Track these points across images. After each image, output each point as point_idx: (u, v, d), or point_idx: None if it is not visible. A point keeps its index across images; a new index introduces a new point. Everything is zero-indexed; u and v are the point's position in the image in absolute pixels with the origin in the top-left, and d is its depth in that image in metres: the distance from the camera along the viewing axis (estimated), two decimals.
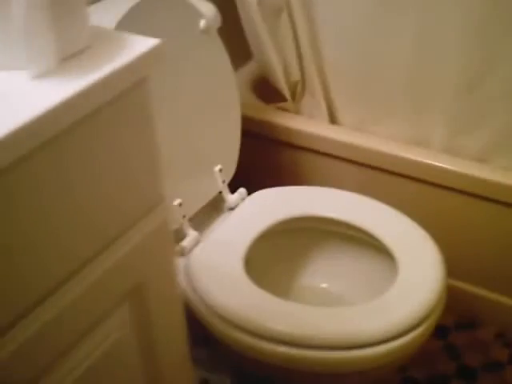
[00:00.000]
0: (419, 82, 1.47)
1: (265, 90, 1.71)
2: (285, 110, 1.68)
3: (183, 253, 1.26)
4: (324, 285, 1.42)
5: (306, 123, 1.63)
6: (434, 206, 1.53)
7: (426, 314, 1.11)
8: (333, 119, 1.65)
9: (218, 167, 1.35)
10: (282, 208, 1.36)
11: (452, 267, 1.24)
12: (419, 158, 1.49)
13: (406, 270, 1.20)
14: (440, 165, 1.47)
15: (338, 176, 1.63)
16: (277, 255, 1.40)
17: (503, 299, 1.58)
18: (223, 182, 1.36)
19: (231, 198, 1.37)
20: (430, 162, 1.49)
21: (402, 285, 1.17)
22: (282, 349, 1.10)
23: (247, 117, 1.61)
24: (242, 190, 1.40)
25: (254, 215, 1.35)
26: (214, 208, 1.38)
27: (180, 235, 1.28)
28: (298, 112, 1.69)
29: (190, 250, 1.27)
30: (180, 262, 1.26)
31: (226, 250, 1.26)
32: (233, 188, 1.40)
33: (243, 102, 1.59)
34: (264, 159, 1.71)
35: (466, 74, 1.40)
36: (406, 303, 1.13)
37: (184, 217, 1.27)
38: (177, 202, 1.25)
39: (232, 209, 1.38)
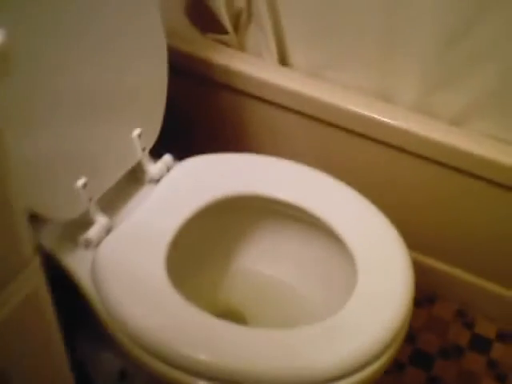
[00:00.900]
0: (393, 24, 1.19)
1: (202, 16, 1.40)
2: (225, 43, 1.38)
3: (88, 246, 1.00)
4: (270, 271, 1.18)
5: (248, 63, 1.34)
6: (394, 171, 1.30)
7: (391, 340, 0.89)
8: (283, 59, 1.36)
9: (136, 132, 1.06)
10: (216, 183, 1.09)
11: (410, 239, 1.04)
12: (381, 117, 1.23)
13: (367, 275, 0.97)
14: (405, 126, 1.22)
15: (287, 130, 1.37)
16: (212, 240, 1.15)
17: (464, 275, 1.39)
18: (143, 149, 1.08)
19: (153, 169, 1.10)
20: (393, 121, 1.23)
21: (362, 297, 0.94)
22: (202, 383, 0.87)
23: (177, 50, 1.31)
24: (167, 158, 1.12)
25: (182, 192, 1.08)
26: (133, 181, 1.11)
27: (86, 222, 1.01)
28: (241, 47, 1.39)
29: (99, 241, 1.00)
30: (86, 257, 0.99)
31: (145, 241, 1.00)
32: (158, 149, 1.12)
33: (173, 31, 1.29)
34: (199, 106, 1.43)
35: (450, 25, 1.13)
36: (367, 327, 0.90)
37: (90, 199, 1.00)
38: (80, 181, 0.97)
39: (155, 181, 1.10)
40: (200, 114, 1.44)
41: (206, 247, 1.14)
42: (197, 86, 1.40)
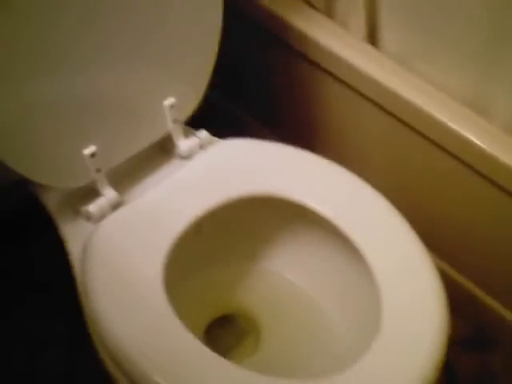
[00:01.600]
0: (508, 23, 0.96)
1: None
2: (309, 3, 1.20)
3: (89, 219, 0.90)
4: (293, 279, 1.04)
5: (329, 34, 1.15)
6: (468, 194, 1.10)
7: None
8: (371, 36, 1.16)
9: (168, 101, 0.93)
10: (251, 176, 0.95)
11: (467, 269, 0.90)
12: (468, 133, 1.03)
13: (392, 318, 0.81)
14: (494, 152, 1.01)
15: (356, 117, 1.20)
16: (235, 235, 1.03)
17: None
18: (174, 121, 0.95)
19: (183, 145, 0.97)
20: (479, 142, 1.02)
21: (384, 347, 0.78)
22: None
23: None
24: (202, 134, 0.99)
25: (211, 178, 0.95)
26: (159, 153, 0.99)
27: (93, 193, 0.90)
28: (328, 12, 1.20)
29: (101, 216, 0.90)
30: (84, 230, 0.90)
31: (151, 229, 0.89)
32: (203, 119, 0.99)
33: None
34: (265, 69, 1.27)
35: None
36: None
37: (99, 170, 0.89)
38: (88, 150, 0.86)
39: (184, 158, 0.98)
40: (264, 78, 1.29)
41: (227, 241, 1.02)
42: (265, 45, 1.24)
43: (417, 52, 1.11)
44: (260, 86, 1.34)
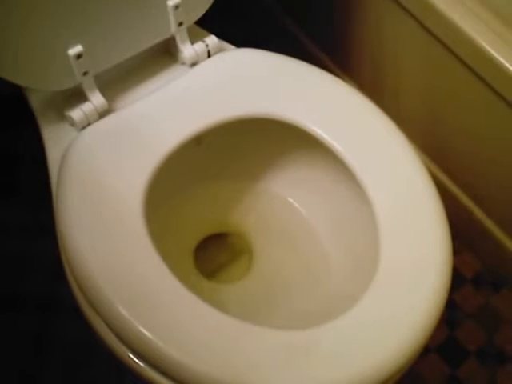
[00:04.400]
0: None
1: None
2: None
3: (73, 125, 0.81)
4: (299, 204, 0.96)
5: None
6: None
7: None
8: None
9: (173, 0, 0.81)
10: (255, 93, 0.83)
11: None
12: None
13: (391, 255, 0.72)
14: None
15: (395, 34, 1.05)
16: (239, 152, 0.94)
17: None
18: (180, 24, 0.83)
19: (188, 51, 0.86)
20: None
21: (383, 288, 0.70)
22: None
23: None
24: (210, 40, 0.87)
25: (207, 92, 0.84)
26: (162, 56, 0.88)
27: (80, 97, 0.81)
28: None
29: (86, 123, 0.81)
30: (66, 137, 0.81)
31: (138, 141, 0.80)
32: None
33: None
34: None
35: None
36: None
37: (85, 73, 0.79)
38: (73, 50, 0.76)
39: (189, 65, 0.87)
40: None
41: (226, 159, 0.94)
42: None
43: None
44: None
